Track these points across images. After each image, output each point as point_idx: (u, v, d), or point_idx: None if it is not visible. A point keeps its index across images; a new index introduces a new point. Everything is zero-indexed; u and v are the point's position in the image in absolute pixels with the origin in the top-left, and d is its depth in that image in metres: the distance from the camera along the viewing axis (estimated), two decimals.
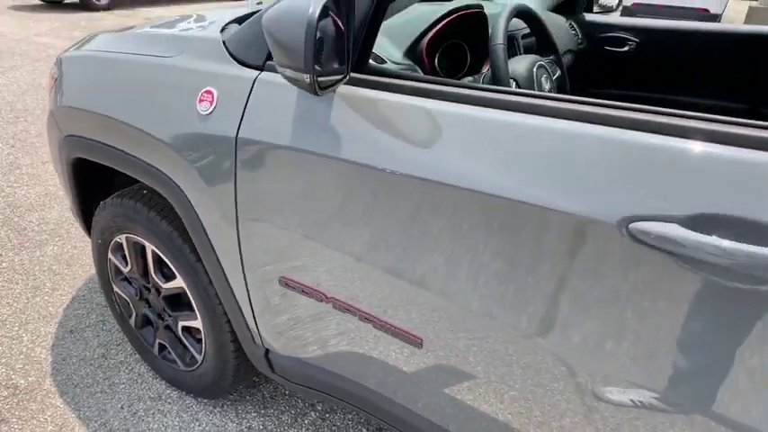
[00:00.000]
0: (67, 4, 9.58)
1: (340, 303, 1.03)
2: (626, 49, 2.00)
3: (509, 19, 1.16)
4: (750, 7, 10.06)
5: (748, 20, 9.77)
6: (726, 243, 0.59)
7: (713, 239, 0.60)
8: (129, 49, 1.32)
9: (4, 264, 2.23)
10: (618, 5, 2.27)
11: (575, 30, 2.03)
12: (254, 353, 1.30)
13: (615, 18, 2.12)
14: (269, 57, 1.01)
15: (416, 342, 0.94)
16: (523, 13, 1.31)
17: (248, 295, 1.18)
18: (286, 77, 0.82)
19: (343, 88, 0.92)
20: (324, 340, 1.13)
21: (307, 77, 0.77)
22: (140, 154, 1.23)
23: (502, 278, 0.79)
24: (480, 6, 1.39)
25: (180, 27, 1.39)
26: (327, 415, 1.60)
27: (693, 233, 0.62)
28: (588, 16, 2.16)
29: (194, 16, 1.53)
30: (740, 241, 0.59)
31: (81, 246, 2.38)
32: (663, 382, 0.70)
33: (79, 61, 1.43)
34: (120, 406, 1.60)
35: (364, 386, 1.15)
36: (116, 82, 1.29)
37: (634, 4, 10.80)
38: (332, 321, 1.07)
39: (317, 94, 0.81)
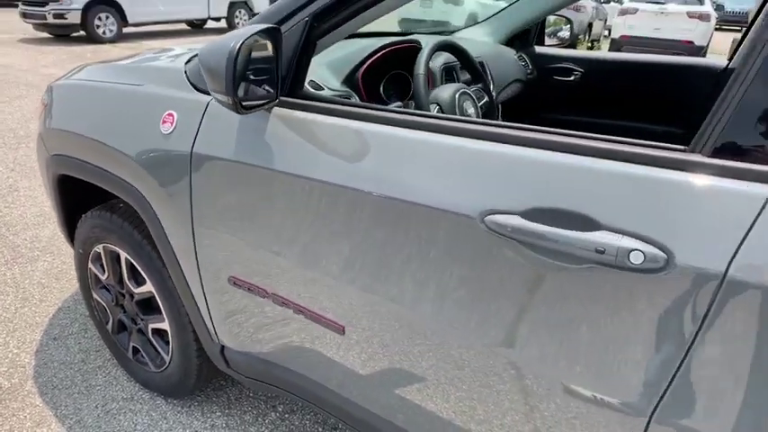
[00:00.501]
0: (74, 36, 9.98)
1: (279, 298, 1.17)
2: (572, 78, 2.18)
3: (431, 53, 1.33)
4: (734, 39, 10.39)
5: (732, 51, 10.04)
6: (549, 228, 0.74)
7: (541, 227, 0.75)
8: (109, 79, 1.50)
9: (15, 283, 2.37)
10: (569, 38, 2.46)
11: (524, 61, 2.22)
12: (211, 350, 1.43)
13: (563, 50, 2.31)
14: None
15: (339, 330, 1.08)
16: (447, 47, 1.49)
17: (204, 295, 1.32)
18: (217, 99, 0.99)
19: (278, 110, 1.08)
20: (269, 334, 1.26)
21: (229, 99, 0.93)
22: (114, 170, 1.39)
23: (409, 268, 0.94)
24: (414, 41, 1.57)
25: (154, 59, 1.57)
26: (287, 415, 1.72)
27: (529, 222, 0.77)
28: (539, 49, 2.35)
29: (170, 50, 1.72)
30: (562, 228, 0.74)
31: (69, 261, 2.52)
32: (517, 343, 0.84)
33: (66, 89, 1.61)
34: (94, 405, 1.72)
35: (308, 378, 1.27)
36: (96, 107, 1.46)
37: (622, 37, 11.18)
38: (273, 316, 1.21)
39: (239, 113, 0.97)
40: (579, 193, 0.75)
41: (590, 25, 12.55)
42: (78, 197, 1.73)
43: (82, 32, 9.61)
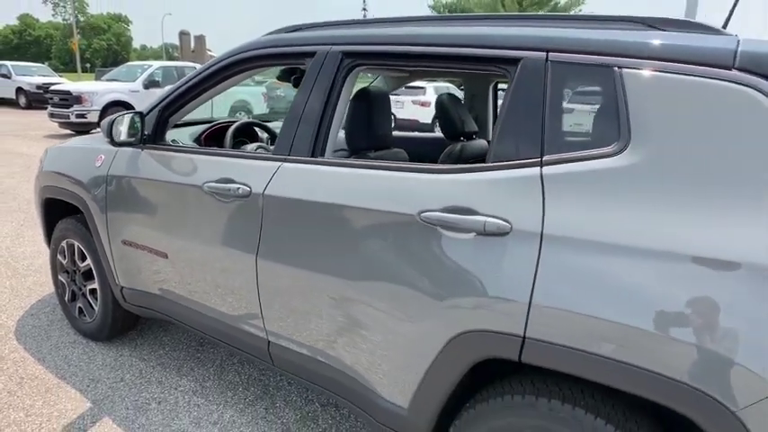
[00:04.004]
0: (93, 133, 11.70)
1: (147, 248, 2.23)
2: None
3: (235, 127, 2.53)
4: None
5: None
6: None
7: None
8: (79, 143, 2.68)
9: None
10: None
11: None
12: (116, 291, 2.46)
13: None
14: None
15: (164, 256, 2.14)
16: (245, 124, 2.72)
17: (111, 254, 2.39)
18: (107, 141, 2.14)
19: (147, 150, 2.21)
20: (143, 272, 2.30)
21: (110, 141, 2.08)
22: (73, 189, 2.51)
23: (193, 222, 2.02)
24: (232, 121, 2.77)
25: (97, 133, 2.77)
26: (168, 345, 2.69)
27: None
28: None
29: None
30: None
31: (50, 279, 3.59)
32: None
33: (54, 149, 2.80)
34: (50, 346, 2.71)
35: (175, 301, 2.28)
36: (66, 156, 2.63)
37: None
38: (144, 260, 2.26)
39: (114, 146, 2.12)
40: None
41: None
42: (55, 215, 2.84)
43: (98, 129, 11.33)
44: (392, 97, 10.64)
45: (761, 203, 1.06)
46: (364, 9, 48.68)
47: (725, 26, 1.51)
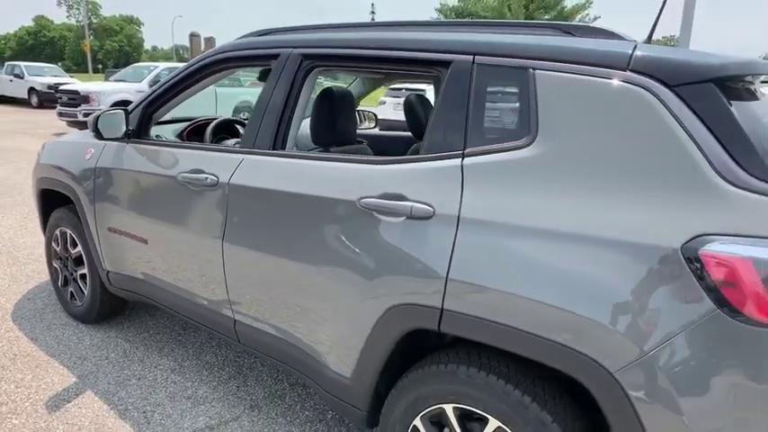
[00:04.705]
0: None
1: (129, 234, 2.40)
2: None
3: (215, 124, 2.69)
4: None
5: None
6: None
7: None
8: (73, 138, 2.87)
9: (0, 269, 3.64)
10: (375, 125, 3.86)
11: None
12: (102, 275, 2.64)
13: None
14: None
15: (143, 241, 2.30)
16: (224, 121, 2.89)
17: (99, 240, 2.56)
18: (93, 135, 2.32)
19: (132, 144, 2.39)
20: (126, 257, 2.48)
21: (95, 135, 2.26)
22: (65, 180, 2.70)
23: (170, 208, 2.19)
24: (213, 118, 2.94)
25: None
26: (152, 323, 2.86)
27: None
28: None
29: None
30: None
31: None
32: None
33: (50, 143, 2.99)
34: (43, 326, 2.89)
35: (153, 284, 2.45)
36: (60, 150, 2.82)
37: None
38: (128, 246, 2.44)
39: (101, 140, 2.30)
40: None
41: None
42: (50, 205, 3.03)
43: None
44: (392, 99, 10.99)
45: (645, 190, 1.20)
46: (372, 12, 49.36)
47: (651, 34, 1.66)
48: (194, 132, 2.80)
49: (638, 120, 1.24)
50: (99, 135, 2.33)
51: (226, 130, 2.92)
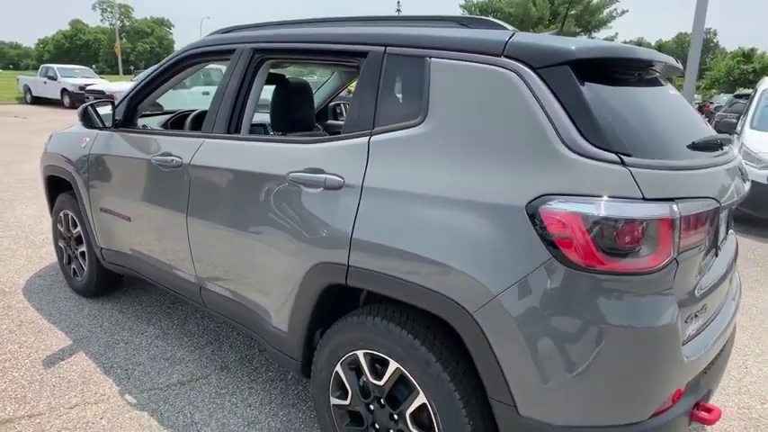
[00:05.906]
0: None
1: (117, 214, 2.69)
2: None
3: (194, 115, 2.96)
4: None
5: None
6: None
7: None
8: (74, 128, 3.18)
9: (18, 251, 4.01)
10: None
11: None
12: (97, 251, 2.95)
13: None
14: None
15: (128, 219, 2.59)
16: (202, 113, 3.14)
17: (93, 219, 2.87)
18: (82, 124, 2.61)
19: (119, 132, 2.67)
20: (115, 234, 2.77)
21: (84, 123, 2.55)
22: (65, 167, 3.01)
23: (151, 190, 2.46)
24: (192, 111, 3.20)
25: None
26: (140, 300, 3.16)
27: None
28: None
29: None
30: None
31: None
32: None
33: (57, 134, 3.32)
34: (49, 299, 3.23)
35: (139, 258, 2.74)
36: (63, 139, 3.14)
37: None
38: (117, 224, 2.73)
39: (87, 128, 2.59)
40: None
41: None
42: (55, 190, 3.36)
43: None
44: None
45: (507, 159, 1.40)
46: (398, 10, 49.60)
47: (562, 25, 1.84)
48: (176, 123, 3.08)
49: (506, 98, 1.43)
50: (87, 124, 2.63)
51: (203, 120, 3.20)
